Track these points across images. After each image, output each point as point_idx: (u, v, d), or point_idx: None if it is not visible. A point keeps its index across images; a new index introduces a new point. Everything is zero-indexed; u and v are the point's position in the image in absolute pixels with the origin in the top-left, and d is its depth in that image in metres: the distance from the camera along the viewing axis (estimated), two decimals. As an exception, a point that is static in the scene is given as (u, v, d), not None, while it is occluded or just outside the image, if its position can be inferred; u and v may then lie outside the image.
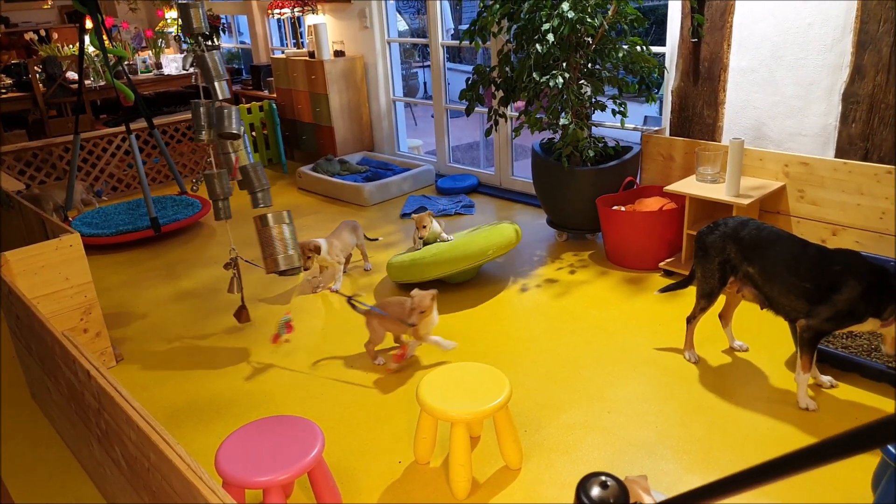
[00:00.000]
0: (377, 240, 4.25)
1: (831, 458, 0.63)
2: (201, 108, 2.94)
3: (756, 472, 0.70)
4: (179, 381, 2.93)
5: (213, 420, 2.64)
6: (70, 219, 4.78)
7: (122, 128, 5.40)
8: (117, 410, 1.68)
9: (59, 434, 2.61)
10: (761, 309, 2.56)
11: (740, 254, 2.52)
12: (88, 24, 4.45)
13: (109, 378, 1.79)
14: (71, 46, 7.13)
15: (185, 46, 7.68)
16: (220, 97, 2.90)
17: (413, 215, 3.77)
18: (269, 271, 2.92)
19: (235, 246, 3.20)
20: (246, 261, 3.42)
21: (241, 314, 3.19)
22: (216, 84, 2.87)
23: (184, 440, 2.54)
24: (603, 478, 0.79)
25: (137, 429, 1.57)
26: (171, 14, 7.39)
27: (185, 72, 7.16)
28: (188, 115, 6.05)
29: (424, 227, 3.60)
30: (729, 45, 3.54)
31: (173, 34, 7.65)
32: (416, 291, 2.76)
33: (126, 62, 6.97)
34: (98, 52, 5.93)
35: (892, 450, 1.73)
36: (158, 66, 7.27)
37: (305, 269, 3.44)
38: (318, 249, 3.51)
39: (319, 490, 2.02)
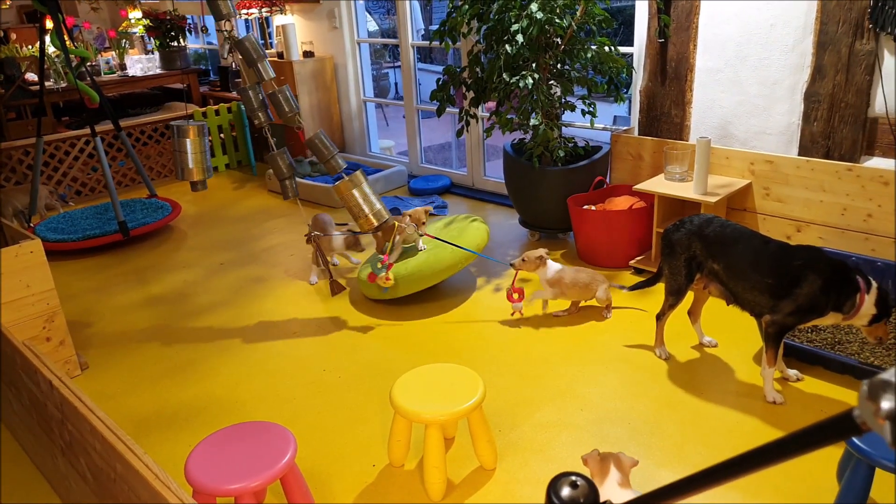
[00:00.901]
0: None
1: (798, 452, 0.64)
2: (249, 93, 3.07)
3: (724, 467, 0.71)
4: (147, 389, 2.87)
5: (183, 428, 2.60)
6: (33, 224, 4.66)
7: (86, 130, 5.29)
8: (81, 421, 1.64)
9: (22, 447, 2.54)
10: (727, 305, 2.60)
11: (705, 251, 2.56)
12: (49, 24, 4.35)
13: (73, 388, 1.75)
14: (31, 47, 6.95)
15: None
16: (266, 77, 3.02)
17: (407, 212, 3.45)
18: (366, 230, 3.07)
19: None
20: (354, 232, 3.47)
21: (333, 286, 3.27)
22: (259, 65, 2.99)
23: (152, 449, 2.49)
24: (573, 478, 0.79)
25: (103, 439, 1.54)
26: (136, 14, 7.25)
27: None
28: (156, 117, 5.95)
29: (424, 223, 3.41)
30: (695, 46, 3.59)
31: (137, 34, 7.52)
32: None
33: (89, 63, 6.82)
34: (59, 52, 5.79)
35: (856, 441, 1.78)
36: (123, 67, 7.13)
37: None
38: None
39: (292, 496, 2.00)
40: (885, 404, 0.54)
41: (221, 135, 6.17)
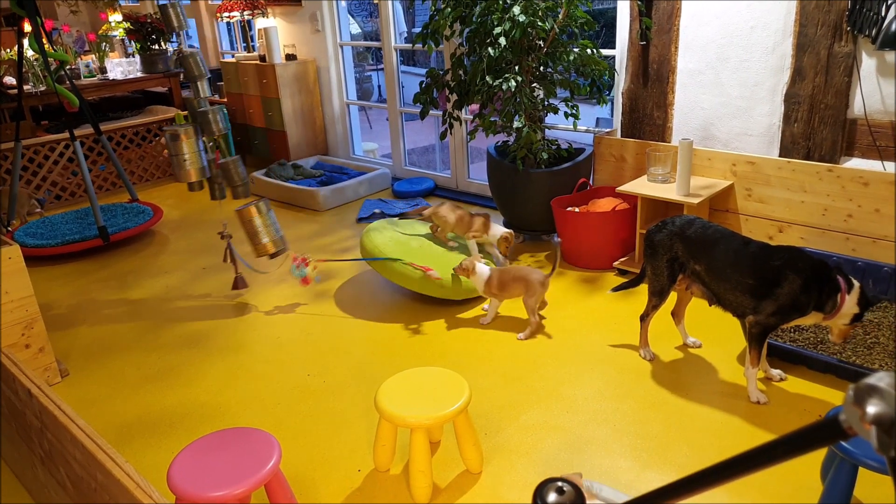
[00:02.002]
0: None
1: (785, 457, 0.64)
2: (193, 103, 3.28)
3: (711, 473, 0.71)
4: (130, 396, 2.84)
5: (166, 435, 2.57)
6: (12, 230, 4.59)
7: (65, 134, 5.22)
8: (61, 430, 1.61)
9: (1, 456, 2.49)
10: (709, 305, 2.62)
11: (687, 252, 2.57)
12: (27, 27, 4.29)
13: (52, 396, 1.72)
14: (8, 50, 6.86)
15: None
16: (201, 95, 3.27)
17: (505, 233, 3.65)
18: (260, 255, 3.37)
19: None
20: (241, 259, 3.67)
21: (238, 281, 3.56)
22: (199, 83, 3.25)
23: (134, 457, 2.46)
24: (559, 483, 0.79)
25: (83, 448, 1.51)
26: (116, 17, 7.18)
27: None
28: (136, 121, 5.89)
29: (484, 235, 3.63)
30: (676, 48, 3.62)
31: (118, 37, 7.44)
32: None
33: (68, 66, 6.74)
34: (38, 56, 5.72)
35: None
36: (103, 70, 7.05)
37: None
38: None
39: (277, 502, 1.98)
40: (871, 409, 0.54)
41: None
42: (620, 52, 3.88)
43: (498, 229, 3.65)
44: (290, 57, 5.76)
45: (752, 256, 2.40)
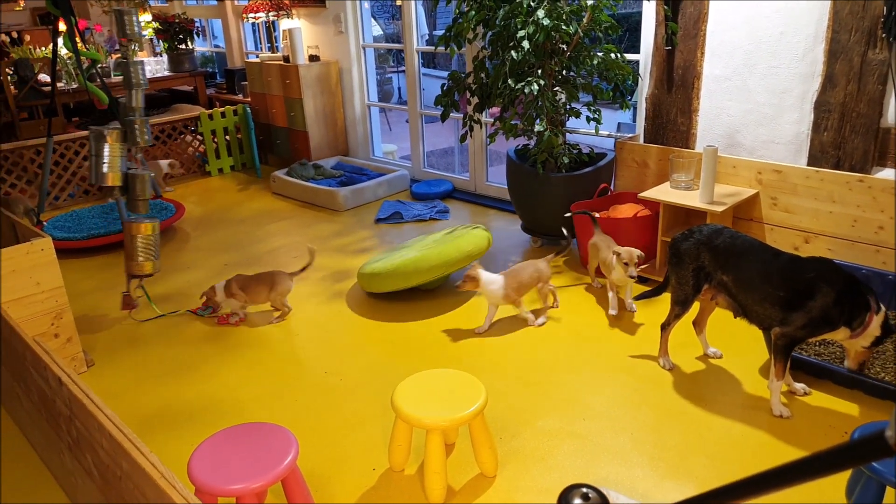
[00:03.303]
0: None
1: (826, 472, 0.62)
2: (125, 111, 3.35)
3: (746, 484, 0.69)
4: (152, 388, 2.88)
5: (186, 427, 2.60)
6: (43, 222, 4.68)
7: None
8: (89, 418, 1.65)
9: (30, 442, 2.54)
10: (735, 317, 2.58)
11: (714, 262, 2.54)
12: (62, 26, 4.38)
13: (81, 385, 1.75)
14: (43, 49, 7.00)
15: (157, 49, 7.59)
16: (134, 105, 3.32)
17: (617, 249, 3.14)
18: (132, 273, 3.35)
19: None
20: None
21: (125, 300, 3.47)
22: (132, 91, 3.31)
23: (156, 447, 2.49)
24: (584, 489, 0.78)
25: (109, 436, 1.54)
26: (145, 17, 7.29)
27: (158, 76, 7.08)
28: (162, 119, 5.97)
29: (636, 264, 3.08)
30: (702, 53, 3.59)
31: (147, 37, 7.56)
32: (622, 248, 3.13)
33: (100, 65, 6.86)
34: (71, 54, 5.82)
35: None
36: (132, 68, 7.16)
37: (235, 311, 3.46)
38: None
39: (293, 498, 2.00)
40: None
41: (227, 137, 6.19)
42: (645, 56, 3.86)
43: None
44: (314, 58, 5.80)
45: (782, 268, 2.37)
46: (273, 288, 3.37)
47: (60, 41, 4.39)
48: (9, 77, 6.23)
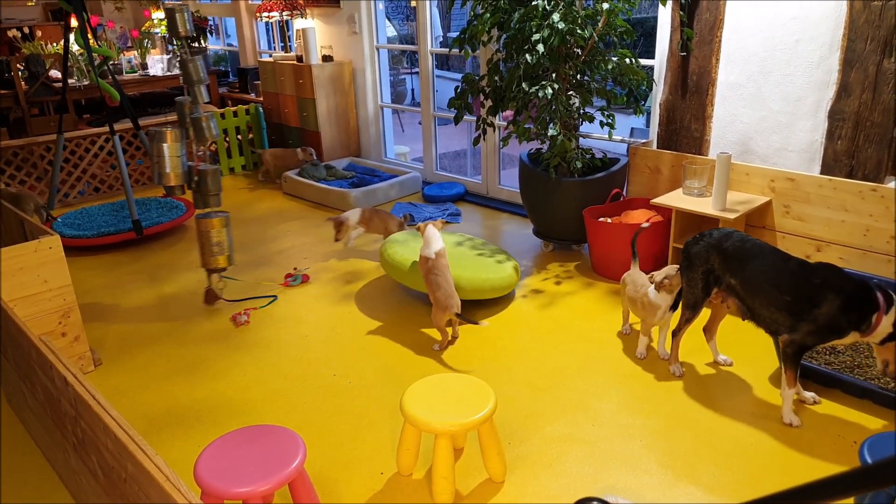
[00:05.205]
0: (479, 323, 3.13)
1: (861, 489, 0.60)
2: (185, 108, 3.30)
3: (774, 501, 0.66)
4: (159, 388, 2.88)
5: (193, 428, 2.60)
6: (55, 218, 4.70)
7: (106, 128, 5.33)
8: (94, 418, 1.64)
9: (35, 441, 2.55)
10: (743, 319, 2.56)
11: (724, 264, 2.53)
12: (73, 22, 4.39)
13: (87, 385, 1.75)
14: (55, 45, 7.04)
15: (170, 48, 7.62)
16: (199, 101, 3.27)
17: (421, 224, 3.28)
18: (207, 267, 3.39)
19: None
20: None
21: (208, 294, 3.54)
22: (195, 88, 3.25)
23: (162, 448, 2.49)
24: (596, 503, 0.77)
25: (115, 438, 1.53)
26: (158, 14, 7.32)
27: (169, 73, 7.11)
28: (173, 117, 5.99)
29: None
30: (717, 60, 3.56)
31: (160, 34, 7.59)
32: None
33: (111, 62, 6.89)
34: (83, 50, 5.85)
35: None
36: (144, 66, 7.19)
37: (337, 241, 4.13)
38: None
39: (300, 501, 1.99)
40: None
41: (239, 136, 6.20)
42: (659, 62, 3.84)
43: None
44: (327, 58, 5.81)
45: (790, 273, 2.35)
46: (387, 228, 4.06)
47: (72, 37, 4.41)
48: (20, 73, 6.27)
